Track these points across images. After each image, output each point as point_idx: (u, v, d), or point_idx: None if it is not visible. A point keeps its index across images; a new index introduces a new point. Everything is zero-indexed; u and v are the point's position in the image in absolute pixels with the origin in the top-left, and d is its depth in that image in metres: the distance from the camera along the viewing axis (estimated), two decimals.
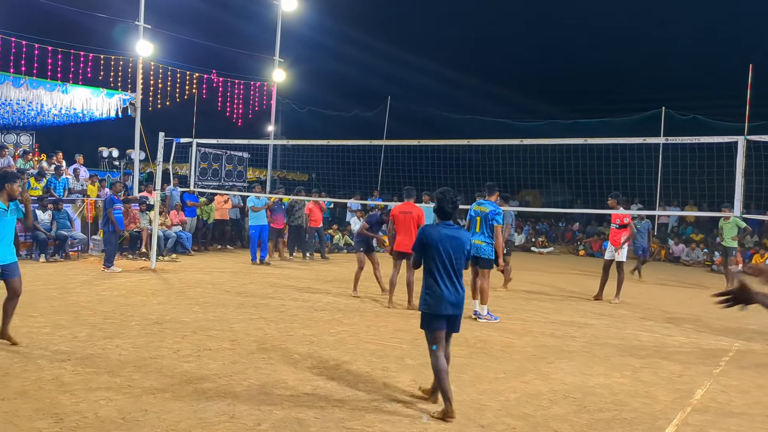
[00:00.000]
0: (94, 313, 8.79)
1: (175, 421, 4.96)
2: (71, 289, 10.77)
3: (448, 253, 5.56)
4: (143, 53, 18.66)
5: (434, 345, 5.51)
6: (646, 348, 8.39)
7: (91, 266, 13.70)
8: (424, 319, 5.60)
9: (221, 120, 22.15)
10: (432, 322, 5.54)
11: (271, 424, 5.01)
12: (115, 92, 18.55)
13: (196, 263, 15.14)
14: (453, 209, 5.78)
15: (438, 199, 5.79)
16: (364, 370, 6.64)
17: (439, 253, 5.55)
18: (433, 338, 5.54)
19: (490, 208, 9.81)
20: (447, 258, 5.56)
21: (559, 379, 6.67)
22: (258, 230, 15.34)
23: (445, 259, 5.55)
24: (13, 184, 6.87)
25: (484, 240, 9.78)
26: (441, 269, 5.54)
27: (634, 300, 12.59)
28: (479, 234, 9.81)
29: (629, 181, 19.41)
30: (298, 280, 13.15)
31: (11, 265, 6.87)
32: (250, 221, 15.35)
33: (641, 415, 5.68)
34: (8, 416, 4.90)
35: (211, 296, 10.67)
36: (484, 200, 10.01)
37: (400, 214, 10.56)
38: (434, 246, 5.55)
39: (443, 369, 5.43)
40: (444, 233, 5.60)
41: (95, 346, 7.02)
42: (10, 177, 6.94)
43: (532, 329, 9.23)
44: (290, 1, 22.40)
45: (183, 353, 6.91)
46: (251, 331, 8.15)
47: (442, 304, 5.49)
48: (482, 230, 9.81)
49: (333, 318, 9.36)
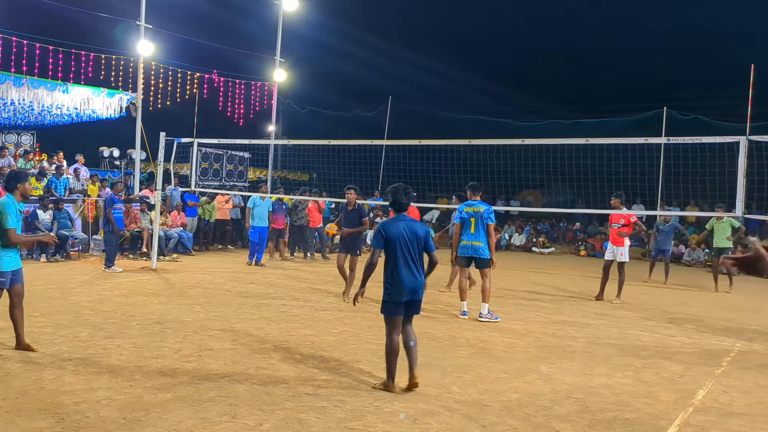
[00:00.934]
0: (95, 313, 8.79)
1: (176, 421, 4.96)
2: (72, 289, 10.77)
3: (407, 244, 5.99)
4: (144, 53, 18.68)
5: (391, 328, 6.01)
6: (648, 348, 8.38)
7: (92, 266, 13.71)
8: (386, 306, 6.05)
9: (222, 120, 22.16)
10: (392, 309, 6.01)
11: (273, 424, 5.01)
12: (116, 92, 18.57)
13: (197, 263, 15.14)
14: (407, 203, 6.25)
15: (392, 193, 6.27)
16: (366, 370, 6.63)
17: (400, 245, 5.98)
18: (391, 323, 6.02)
19: (484, 207, 9.79)
20: (407, 249, 6.00)
21: (560, 379, 6.66)
22: (258, 231, 15.27)
23: (404, 250, 5.99)
24: (25, 183, 6.86)
25: (482, 240, 9.73)
26: (401, 260, 5.97)
27: (635, 300, 12.57)
28: (475, 235, 9.76)
29: (630, 181, 19.40)
30: (299, 280, 13.14)
31: (20, 270, 6.85)
32: (252, 222, 15.20)
33: (643, 415, 5.67)
34: (10, 416, 4.90)
35: (213, 296, 10.66)
36: (474, 200, 9.95)
37: None
38: (394, 240, 5.98)
39: (395, 352, 5.96)
40: (402, 227, 6.03)
41: (96, 346, 7.01)
42: (22, 176, 6.91)
43: (533, 329, 9.22)
44: (291, 1, 22.41)
45: (184, 353, 6.90)
46: (252, 331, 8.15)
47: (403, 292, 5.95)
48: (478, 230, 9.75)
49: (334, 318, 9.36)
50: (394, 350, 5.97)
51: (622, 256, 12.20)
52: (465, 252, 9.86)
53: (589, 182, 16.98)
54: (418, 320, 9.44)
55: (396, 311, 6.00)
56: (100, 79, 18.04)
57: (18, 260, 6.78)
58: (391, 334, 6.00)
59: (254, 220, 15.21)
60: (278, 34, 22.75)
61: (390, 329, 6.02)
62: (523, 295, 12.49)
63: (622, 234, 12.16)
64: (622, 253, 12.20)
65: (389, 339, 6.00)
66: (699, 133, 18.04)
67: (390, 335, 6.01)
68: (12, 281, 6.70)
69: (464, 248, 9.86)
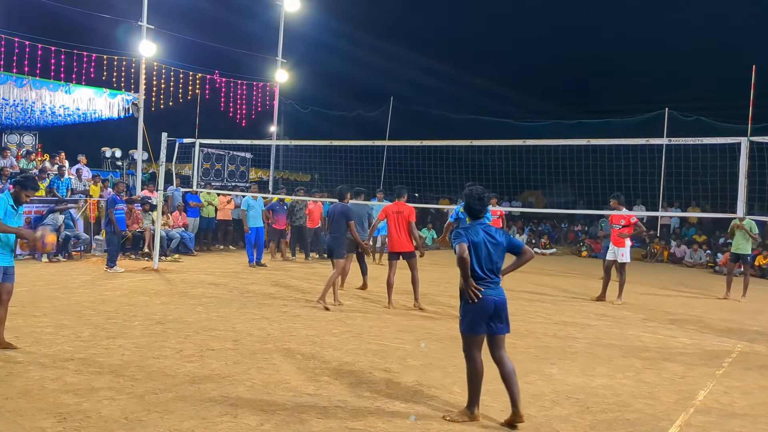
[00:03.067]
0: (97, 313, 8.80)
1: (177, 420, 4.97)
2: (74, 289, 10.79)
3: (486, 254, 5.41)
4: (146, 53, 18.70)
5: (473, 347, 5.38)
6: (649, 349, 8.38)
7: (94, 266, 13.72)
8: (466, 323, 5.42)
9: (224, 120, 22.18)
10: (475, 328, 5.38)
11: (274, 424, 5.01)
12: (118, 92, 18.60)
13: (198, 263, 15.15)
14: (481, 209, 5.62)
15: (465, 197, 5.69)
16: (367, 370, 6.64)
17: (480, 254, 5.39)
18: (474, 342, 5.39)
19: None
20: (486, 259, 5.41)
21: (561, 379, 6.67)
22: (254, 232, 15.26)
23: (483, 260, 5.39)
24: (24, 191, 6.86)
25: None
26: (479, 269, 5.37)
27: (637, 301, 12.57)
28: None
29: (632, 182, 19.38)
30: (301, 281, 13.15)
31: (11, 269, 6.86)
32: (248, 222, 15.18)
33: (644, 416, 5.68)
34: (12, 415, 4.91)
35: (214, 296, 10.67)
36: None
37: (393, 214, 10.53)
38: (476, 247, 5.38)
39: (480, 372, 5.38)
40: (482, 234, 5.44)
41: (98, 346, 7.03)
42: (26, 185, 6.90)
43: (534, 330, 9.22)
44: (293, 2, 22.43)
45: (186, 353, 6.92)
46: (254, 332, 8.16)
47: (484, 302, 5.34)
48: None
49: (336, 318, 9.36)
50: (479, 373, 5.36)
51: (623, 257, 12.20)
52: None
53: (590, 183, 16.95)
54: (419, 320, 9.49)
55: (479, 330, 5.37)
56: (102, 79, 18.08)
57: (10, 259, 6.80)
58: (472, 355, 5.37)
59: (250, 221, 15.20)
60: (280, 35, 22.77)
61: (472, 349, 5.39)
62: (524, 296, 12.48)
63: (623, 235, 12.17)
64: (623, 253, 12.20)
65: (471, 362, 5.37)
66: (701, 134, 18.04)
67: (471, 357, 5.37)
68: (4, 278, 6.71)
69: None
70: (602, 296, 12.39)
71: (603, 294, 12.41)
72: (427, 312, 10.22)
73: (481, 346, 5.40)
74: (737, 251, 13.78)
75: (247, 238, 15.29)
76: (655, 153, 22.72)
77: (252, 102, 22.43)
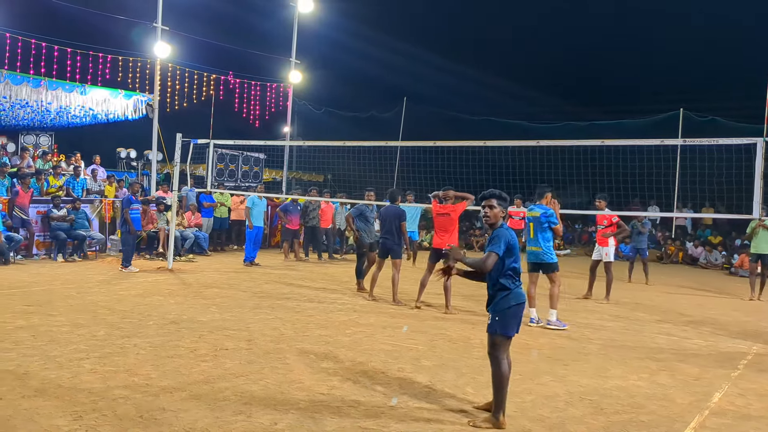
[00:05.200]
0: (112, 313, 8.87)
1: (192, 419, 5.00)
2: (89, 288, 10.87)
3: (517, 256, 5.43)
4: (161, 55, 18.80)
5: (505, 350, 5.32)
6: (664, 351, 8.34)
7: (109, 266, 13.82)
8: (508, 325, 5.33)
9: (238, 121, 22.27)
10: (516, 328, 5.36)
11: (287, 423, 5.03)
12: (133, 93, 18.71)
13: (212, 263, 15.23)
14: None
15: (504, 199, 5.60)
16: (380, 370, 6.65)
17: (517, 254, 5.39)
18: (506, 345, 5.35)
19: (541, 211, 9.70)
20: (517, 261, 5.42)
21: (575, 381, 6.65)
22: (255, 231, 15.33)
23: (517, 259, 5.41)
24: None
25: (541, 245, 9.63)
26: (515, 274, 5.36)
27: (651, 302, 12.51)
28: (534, 240, 9.68)
29: (647, 182, 19.29)
30: (314, 281, 13.18)
31: None
32: (252, 221, 15.28)
33: (658, 417, 5.65)
34: (28, 413, 4.96)
35: (228, 296, 10.72)
36: (535, 204, 9.90)
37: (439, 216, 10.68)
38: (514, 249, 5.34)
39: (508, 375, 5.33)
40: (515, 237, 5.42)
41: (113, 345, 7.08)
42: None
43: (548, 331, 9.20)
44: (307, 2, 22.49)
45: (200, 353, 6.95)
46: (267, 331, 8.19)
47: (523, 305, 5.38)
48: (536, 236, 9.66)
49: (349, 318, 9.38)
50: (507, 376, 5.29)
51: (607, 256, 12.45)
52: (529, 258, 9.77)
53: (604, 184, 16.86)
54: (432, 321, 9.49)
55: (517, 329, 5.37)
56: (118, 80, 18.21)
57: None
58: (502, 359, 5.29)
59: (253, 220, 15.29)
60: (294, 36, 22.83)
61: (502, 352, 5.32)
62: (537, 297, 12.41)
63: (606, 235, 12.41)
64: (607, 253, 12.47)
65: (501, 364, 5.26)
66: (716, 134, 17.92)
67: (501, 360, 5.28)
68: None
69: (528, 254, 9.77)
70: (589, 294, 12.63)
71: (589, 292, 12.66)
72: (440, 313, 10.20)
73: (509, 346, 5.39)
74: (758, 251, 13.65)
75: (249, 235, 15.35)
76: (669, 154, 22.58)
77: (266, 103, 22.50)
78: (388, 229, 10.91)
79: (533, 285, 9.83)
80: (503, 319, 5.29)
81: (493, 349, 5.33)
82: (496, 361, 5.29)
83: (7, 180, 15.13)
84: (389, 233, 10.91)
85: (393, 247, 10.91)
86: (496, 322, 5.32)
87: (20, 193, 14.26)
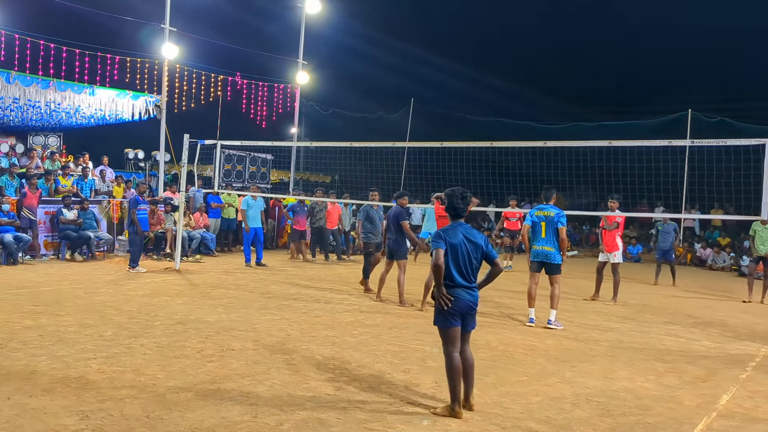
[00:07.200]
0: (120, 313, 8.90)
1: (198, 420, 5.01)
2: (97, 288, 10.91)
3: (467, 253, 5.53)
4: (169, 56, 18.85)
5: (449, 344, 5.48)
6: (671, 352, 8.30)
7: (117, 266, 13.86)
8: (440, 316, 5.53)
9: (245, 122, 22.30)
10: (448, 320, 5.49)
11: (293, 424, 5.03)
12: (141, 94, 18.76)
13: (219, 264, 15.26)
14: (464, 208, 5.73)
15: (448, 197, 5.79)
16: (386, 371, 6.64)
17: (460, 254, 5.50)
18: (448, 336, 5.50)
19: (555, 211, 9.66)
20: (467, 259, 5.53)
21: (582, 382, 6.62)
22: (253, 232, 15.34)
23: (464, 260, 5.51)
24: None
25: (553, 246, 9.58)
26: (456, 270, 5.49)
27: (659, 304, 12.47)
28: (546, 240, 9.62)
29: (654, 184, 19.23)
30: (321, 282, 13.19)
31: None
32: (247, 222, 15.29)
33: (666, 419, 5.63)
34: (36, 413, 4.98)
35: (235, 297, 10.74)
36: (546, 204, 9.84)
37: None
38: (456, 248, 5.51)
39: (458, 370, 5.44)
40: (461, 235, 5.56)
41: (120, 345, 7.10)
42: None
43: (554, 332, 9.18)
44: (314, 3, 22.52)
45: (206, 353, 6.97)
46: (274, 332, 8.20)
47: (460, 303, 5.46)
48: (548, 235, 9.61)
49: (355, 319, 9.38)
50: (455, 368, 5.44)
51: (615, 258, 12.49)
52: (536, 257, 9.74)
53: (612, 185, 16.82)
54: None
55: (452, 322, 5.49)
56: (126, 81, 18.27)
57: None
58: (449, 352, 5.46)
59: (250, 221, 15.28)
60: (301, 37, 22.86)
61: (448, 345, 5.49)
62: (544, 299, 12.40)
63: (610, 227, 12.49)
64: (615, 254, 12.49)
65: (449, 357, 5.46)
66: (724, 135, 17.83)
67: (448, 353, 5.47)
68: None
69: (535, 253, 9.75)
70: (596, 295, 12.66)
71: (596, 293, 12.69)
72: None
73: (456, 340, 5.49)
74: (759, 253, 13.56)
75: (246, 237, 15.37)
76: (678, 155, 22.51)
77: (273, 104, 22.53)
78: (392, 230, 10.99)
79: (535, 284, 9.81)
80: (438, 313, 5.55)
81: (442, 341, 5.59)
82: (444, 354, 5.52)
83: (15, 181, 15.22)
84: (393, 234, 10.97)
85: (396, 248, 10.95)
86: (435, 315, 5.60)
87: (28, 194, 14.33)
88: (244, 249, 15.56)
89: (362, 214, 12.59)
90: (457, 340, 5.50)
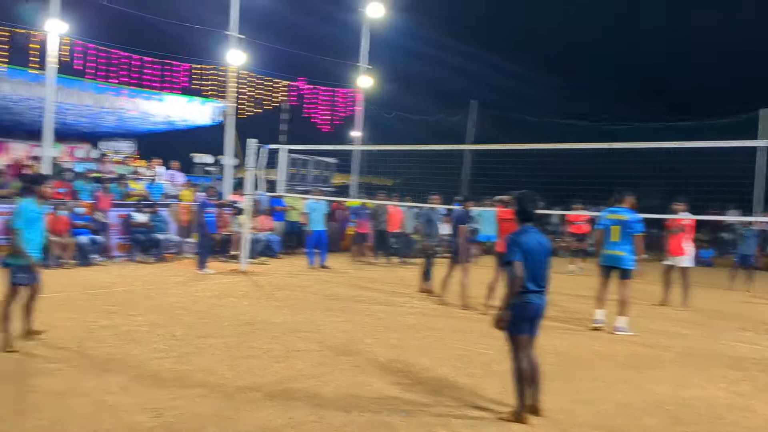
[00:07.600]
0: (189, 313, 9.13)
1: (266, 419, 5.11)
2: (167, 289, 11.22)
3: (539, 258, 5.47)
4: (235, 62, 19.24)
5: (519, 349, 5.43)
6: (745, 360, 8.03)
7: (186, 268, 14.21)
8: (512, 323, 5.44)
9: (308, 126, 22.59)
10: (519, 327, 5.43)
11: (358, 426, 5.09)
12: (209, 100, 19.20)
13: (284, 266, 15.47)
14: (533, 212, 5.64)
15: (518, 201, 5.69)
16: (450, 375, 6.64)
17: (533, 259, 5.42)
18: (517, 342, 5.45)
19: (629, 215, 9.48)
20: (539, 263, 5.45)
21: (651, 389, 6.48)
22: (316, 234, 15.50)
23: (536, 264, 5.43)
24: (42, 186, 7.27)
25: (626, 249, 9.39)
26: (530, 277, 5.38)
27: (733, 310, 12.07)
28: (617, 244, 9.40)
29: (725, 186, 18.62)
30: (383, 284, 13.25)
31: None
32: (310, 225, 15.50)
33: (739, 429, 5.46)
34: (113, 410, 5.17)
35: (299, 298, 10.89)
36: (618, 207, 9.64)
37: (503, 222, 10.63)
38: (531, 253, 5.41)
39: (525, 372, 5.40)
40: (532, 239, 5.48)
41: (190, 345, 7.30)
42: (40, 179, 7.36)
43: (623, 338, 9.00)
44: (376, 8, 22.65)
45: (273, 354, 7.09)
46: (338, 334, 8.28)
47: (530, 308, 5.41)
48: (623, 239, 9.39)
49: (418, 322, 9.39)
50: (524, 373, 5.41)
51: (683, 262, 12.22)
52: (606, 261, 9.58)
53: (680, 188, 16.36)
54: None
55: (524, 329, 5.46)
56: (194, 88, 18.74)
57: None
58: (518, 357, 5.44)
59: (313, 224, 15.46)
60: (364, 41, 23.02)
61: (518, 351, 5.46)
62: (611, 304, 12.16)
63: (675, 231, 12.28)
64: (683, 258, 12.22)
65: (518, 362, 5.42)
66: None
67: (518, 358, 5.44)
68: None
69: (605, 257, 9.58)
70: (665, 301, 12.28)
71: (665, 298, 12.31)
72: None
73: (526, 346, 5.44)
74: None
75: (309, 240, 15.56)
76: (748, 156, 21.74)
77: (336, 108, 22.76)
78: (454, 233, 11.02)
79: (604, 289, 9.61)
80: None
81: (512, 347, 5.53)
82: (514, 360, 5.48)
83: (89, 185, 15.78)
84: (455, 237, 11.00)
85: (456, 251, 10.95)
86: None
87: (101, 198, 14.85)
88: (308, 251, 15.76)
89: (424, 219, 12.62)
90: (527, 345, 5.47)
